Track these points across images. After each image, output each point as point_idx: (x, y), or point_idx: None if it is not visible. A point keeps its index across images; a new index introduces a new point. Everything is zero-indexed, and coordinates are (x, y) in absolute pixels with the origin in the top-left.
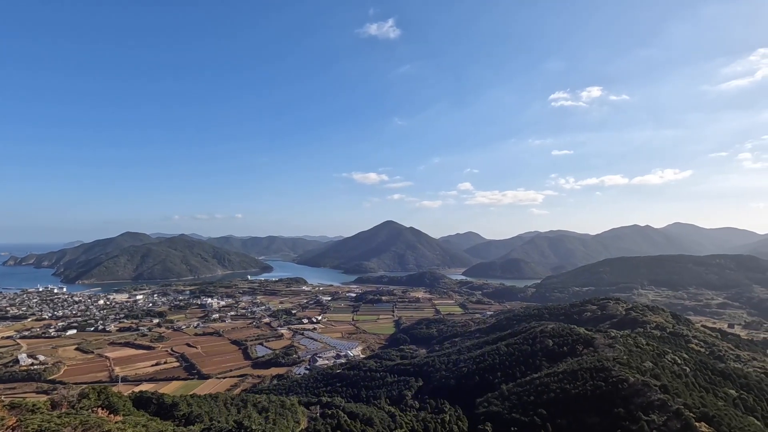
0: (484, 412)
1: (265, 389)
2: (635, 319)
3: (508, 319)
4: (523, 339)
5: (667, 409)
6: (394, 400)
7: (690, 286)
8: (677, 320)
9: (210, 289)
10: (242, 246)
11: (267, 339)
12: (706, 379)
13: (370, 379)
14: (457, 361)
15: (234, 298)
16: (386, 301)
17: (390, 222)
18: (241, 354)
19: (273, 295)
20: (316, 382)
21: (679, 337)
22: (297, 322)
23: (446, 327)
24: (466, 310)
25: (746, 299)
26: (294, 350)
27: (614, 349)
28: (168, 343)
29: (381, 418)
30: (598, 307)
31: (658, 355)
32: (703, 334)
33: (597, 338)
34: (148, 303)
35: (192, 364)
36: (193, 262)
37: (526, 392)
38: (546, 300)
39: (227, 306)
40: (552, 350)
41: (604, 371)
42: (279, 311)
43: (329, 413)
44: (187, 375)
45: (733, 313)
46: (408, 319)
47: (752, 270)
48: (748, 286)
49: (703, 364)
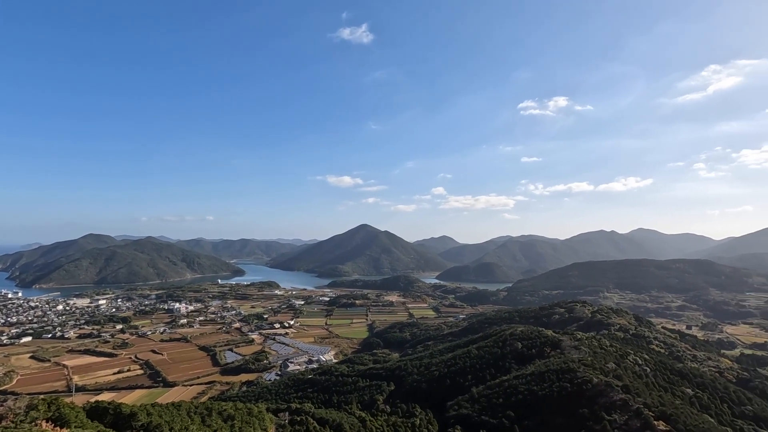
0: (455, 415)
1: (234, 396)
2: (600, 322)
3: (479, 323)
4: (493, 342)
5: (629, 408)
6: (365, 405)
7: (652, 289)
8: (639, 322)
9: (178, 294)
10: (213, 249)
11: (237, 344)
12: (665, 378)
13: (342, 384)
14: (429, 364)
15: (203, 303)
16: (360, 305)
17: (365, 226)
18: (209, 360)
19: (244, 299)
20: (286, 388)
21: (641, 339)
22: (269, 327)
23: (419, 330)
24: (440, 313)
25: (703, 302)
26: (265, 356)
27: (580, 351)
28: (132, 350)
29: (351, 424)
30: (566, 310)
31: (621, 356)
32: (663, 336)
33: (564, 340)
34: (112, 308)
35: (157, 371)
36: (161, 266)
37: (495, 395)
38: (517, 303)
39: (196, 311)
40: (521, 353)
41: (569, 373)
42: (250, 316)
43: (298, 420)
44: (152, 383)
45: (691, 315)
46: (382, 323)
47: (709, 274)
48: (705, 289)
49: (662, 365)
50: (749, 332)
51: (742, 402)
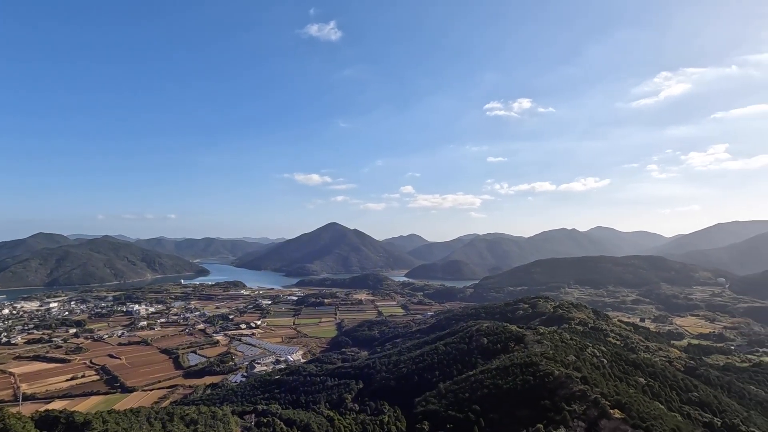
0: (422, 411)
1: (197, 400)
2: (562, 316)
3: (447, 319)
4: (460, 338)
5: (587, 398)
6: (334, 404)
7: (609, 285)
8: (597, 316)
9: (138, 295)
10: (176, 248)
11: (201, 346)
12: (620, 369)
13: (310, 384)
14: (397, 362)
15: (165, 304)
16: (329, 303)
17: (334, 224)
18: (171, 363)
19: (209, 299)
20: (253, 390)
21: (598, 332)
22: (234, 328)
23: (388, 328)
24: (408, 311)
25: (655, 295)
26: (230, 357)
27: (542, 345)
28: (87, 355)
29: (319, 423)
30: (530, 306)
31: (580, 349)
32: (619, 328)
33: (527, 335)
34: (64, 311)
35: (114, 376)
36: (119, 266)
37: (462, 389)
38: (483, 299)
39: (157, 312)
40: (487, 348)
41: (532, 366)
42: (215, 317)
43: (265, 421)
44: (109, 389)
45: (645, 309)
46: (350, 322)
47: (661, 269)
48: (657, 284)
49: (618, 356)
50: (696, 323)
51: (689, 389)
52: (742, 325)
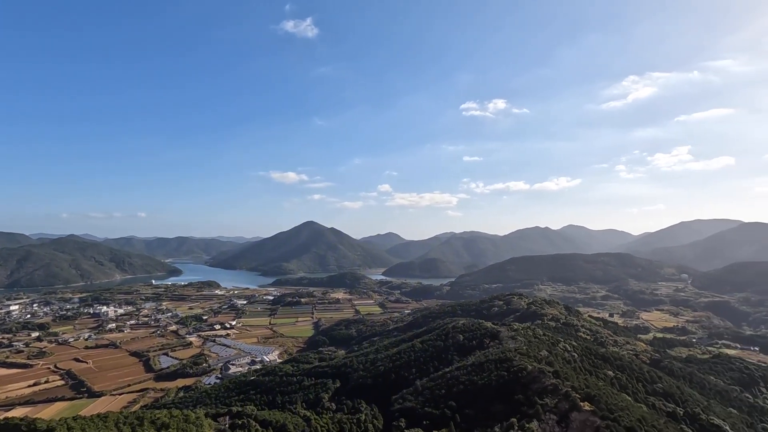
0: (399, 408)
1: (169, 403)
2: (535, 312)
3: (424, 317)
4: (436, 335)
5: (558, 392)
6: (310, 404)
7: (580, 281)
8: (569, 312)
9: (106, 296)
10: (146, 248)
11: (173, 348)
12: (590, 362)
13: (287, 384)
14: (374, 360)
15: (135, 305)
16: (306, 303)
17: (311, 222)
18: (141, 366)
19: (181, 300)
20: (227, 391)
21: (570, 327)
22: (208, 329)
23: (365, 327)
24: (386, 309)
25: (623, 291)
26: (204, 358)
27: (516, 341)
28: (51, 359)
29: (296, 424)
30: (504, 303)
31: (553, 344)
32: (589, 323)
33: (502, 331)
34: (26, 314)
35: (81, 381)
36: (86, 267)
37: (438, 386)
38: (459, 297)
39: (126, 314)
40: (462, 344)
41: (507, 362)
42: (188, 317)
43: (239, 423)
44: (75, 394)
45: (613, 304)
46: (328, 321)
47: (628, 266)
48: (625, 280)
49: (588, 350)
50: (661, 317)
51: (654, 380)
52: (703, 319)
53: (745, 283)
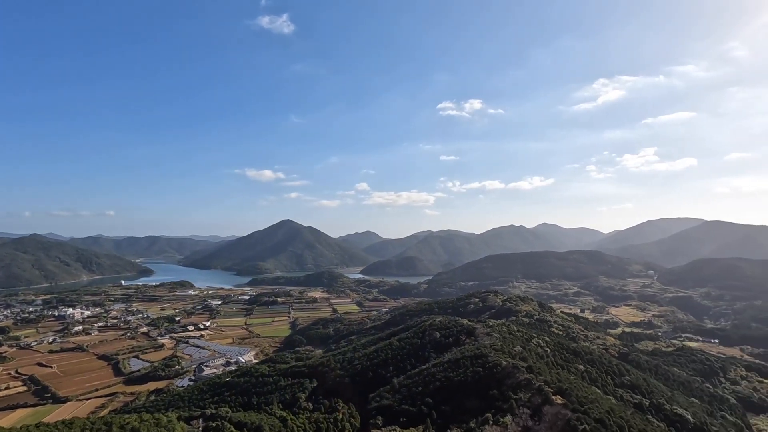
0: (376, 406)
1: (140, 407)
2: (510, 309)
3: (401, 315)
4: (414, 333)
5: (532, 386)
6: (287, 404)
7: (553, 278)
8: (542, 308)
9: (72, 298)
10: (115, 247)
11: (144, 350)
12: (562, 357)
13: (263, 385)
14: (352, 358)
15: (103, 307)
16: (282, 302)
17: (288, 221)
18: (110, 370)
19: (153, 301)
20: (201, 394)
21: (543, 323)
22: (181, 330)
23: (343, 326)
24: (363, 307)
25: (594, 288)
26: (177, 360)
27: (491, 337)
28: (12, 365)
29: (271, 425)
30: (480, 300)
31: (527, 340)
32: (562, 319)
33: (478, 328)
34: None
35: (45, 386)
36: (50, 267)
37: (415, 383)
38: (437, 295)
39: (94, 316)
40: (439, 342)
41: (482, 358)
42: (160, 319)
43: (213, 426)
44: (38, 400)
45: (585, 300)
46: (305, 320)
47: (599, 263)
48: (595, 277)
49: (560, 345)
50: (629, 313)
51: (621, 373)
52: (668, 313)
53: (707, 279)
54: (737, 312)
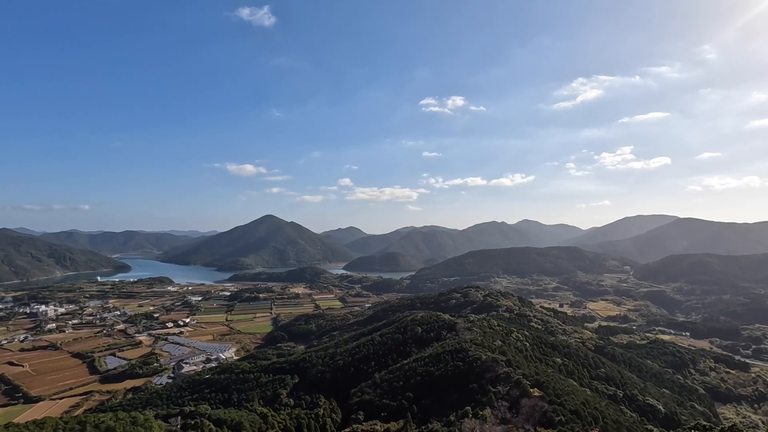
0: (358, 401)
1: (116, 406)
2: (491, 304)
3: (384, 311)
4: (395, 328)
5: (510, 380)
6: (268, 401)
7: (533, 274)
8: (522, 303)
9: (44, 295)
10: (90, 242)
11: (121, 348)
12: (540, 351)
13: (243, 381)
14: (333, 354)
15: (78, 304)
16: (264, 298)
17: (270, 216)
18: (85, 368)
19: (130, 297)
20: (180, 391)
21: (523, 318)
22: (160, 327)
23: (325, 321)
24: (346, 303)
25: (572, 283)
26: (155, 358)
27: (472, 332)
28: None
29: (252, 421)
30: (462, 295)
31: (506, 334)
32: (541, 314)
33: (459, 323)
34: None
35: (15, 386)
36: (20, 263)
37: (396, 378)
38: (419, 290)
39: (68, 313)
40: (421, 337)
41: (462, 352)
42: (137, 316)
43: (192, 423)
44: (8, 400)
45: (563, 295)
46: (287, 316)
47: (577, 259)
48: (573, 272)
49: (539, 339)
50: (605, 307)
51: (597, 366)
52: (643, 308)
53: (679, 274)
54: (707, 306)
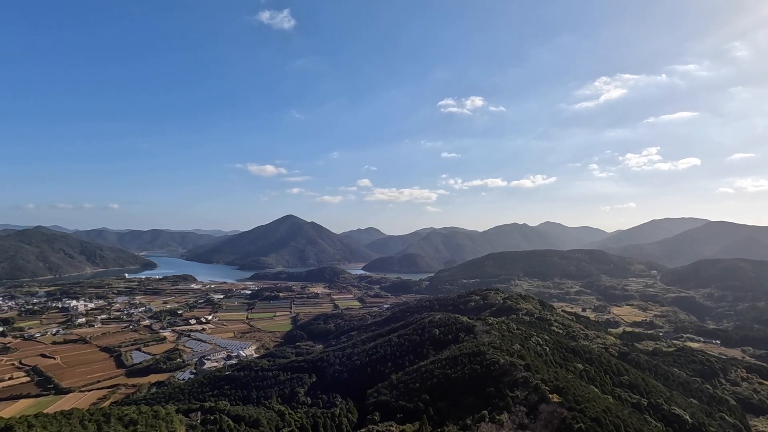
0: (374, 402)
1: (140, 399)
2: (510, 307)
3: (402, 312)
4: (413, 329)
5: (529, 384)
6: (285, 399)
7: (555, 277)
8: (543, 307)
9: (75, 290)
10: (119, 240)
11: (146, 343)
12: (560, 356)
13: (262, 379)
14: (351, 354)
15: (106, 300)
16: (284, 297)
17: (290, 216)
18: (112, 362)
19: (156, 294)
20: (201, 387)
21: (543, 322)
22: (183, 323)
23: (344, 321)
24: (365, 304)
25: (596, 287)
26: (178, 354)
27: (490, 335)
28: (15, 355)
29: (269, 419)
30: (481, 297)
31: (525, 338)
32: (562, 318)
33: (477, 326)
34: None
35: (47, 377)
36: (54, 259)
37: (412, 380)
38: (438, 292)
39: (97, 308)
40: (438, 339)
41: (480, 355)
42: (162, 312)
43: (211, 419)
44: (41, 391)
45: (586, 299)
46: (306, 315)
47: (601, 262)
48: (597, 276)
49: (559, 344)
50: (630, 312)
51: (620, 373)
52: (670, 314)
53: (709, 280)
54: (739, 313)
